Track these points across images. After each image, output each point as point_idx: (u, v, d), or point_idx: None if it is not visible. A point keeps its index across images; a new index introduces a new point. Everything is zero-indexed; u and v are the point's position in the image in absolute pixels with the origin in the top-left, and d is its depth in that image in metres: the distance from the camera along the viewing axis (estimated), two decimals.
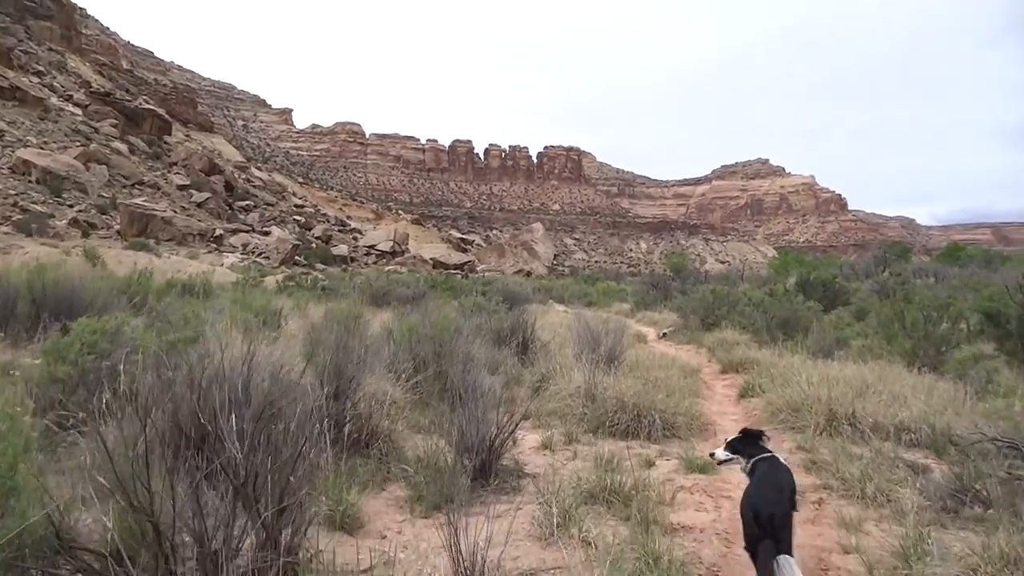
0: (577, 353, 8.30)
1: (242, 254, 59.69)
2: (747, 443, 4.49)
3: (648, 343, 16.51)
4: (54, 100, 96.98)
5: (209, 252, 59.21)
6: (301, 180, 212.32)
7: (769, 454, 4.39)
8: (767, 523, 3.74)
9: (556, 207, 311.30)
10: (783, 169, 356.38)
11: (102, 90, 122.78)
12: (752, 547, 3.86)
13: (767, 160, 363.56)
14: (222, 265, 53.14)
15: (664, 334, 18.25)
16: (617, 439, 6.69)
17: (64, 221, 59.98)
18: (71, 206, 65.33)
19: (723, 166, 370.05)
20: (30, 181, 66.60)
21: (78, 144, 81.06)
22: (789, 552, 3.71)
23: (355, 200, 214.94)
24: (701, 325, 17.89)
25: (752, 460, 4.37)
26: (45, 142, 77.97)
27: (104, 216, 66.07)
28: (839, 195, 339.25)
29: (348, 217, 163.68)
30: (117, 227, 63.33)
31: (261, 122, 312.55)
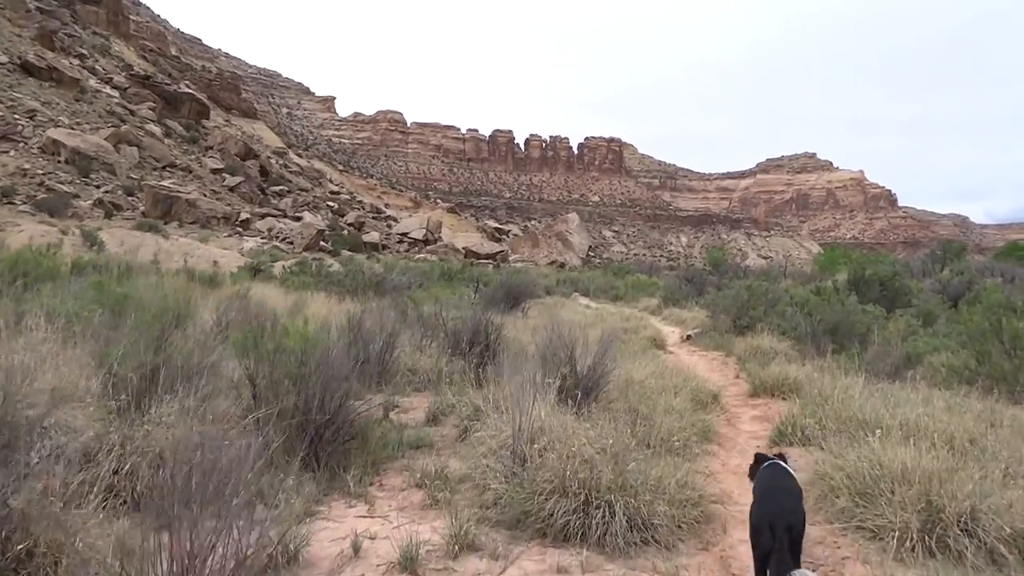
0: (539, 377, 5.67)
1: (263, 238, 58.22)
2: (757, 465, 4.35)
3: (667, 349, 13.77)
4: (92, 82, 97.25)
5: (230, 236, 57.88)
6: (341, 168, 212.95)
7: (771, 460, 4.21)
8: (784, 534, 3.47)
9: (596, 198, 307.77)
10: (831, 163, 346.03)
11: (142, 73, 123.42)
12: (763, 563, 3.54)
13: (814, 154, 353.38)
14: (241, 249, 51.73)
15: (688, 336, 15.48)
16: (547, 545, 3.97)
17: (89, 202, 59.36)
18: (98, 187, 64.79)
19: (768, 159, 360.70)
20: (59, 161, 66.26)
21: (110, 125, 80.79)
22: (798, 564, 3.48)
23: (394, 188, 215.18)
24: (732, 327, 15.06)
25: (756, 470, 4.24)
26: (78, 122, 77.81)
27: (130, 198, 65.39)
28: (889, 191, 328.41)
29: (386, 205, 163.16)
30: (142, 209, 62.61)
31: (305, 109, 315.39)
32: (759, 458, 4.33)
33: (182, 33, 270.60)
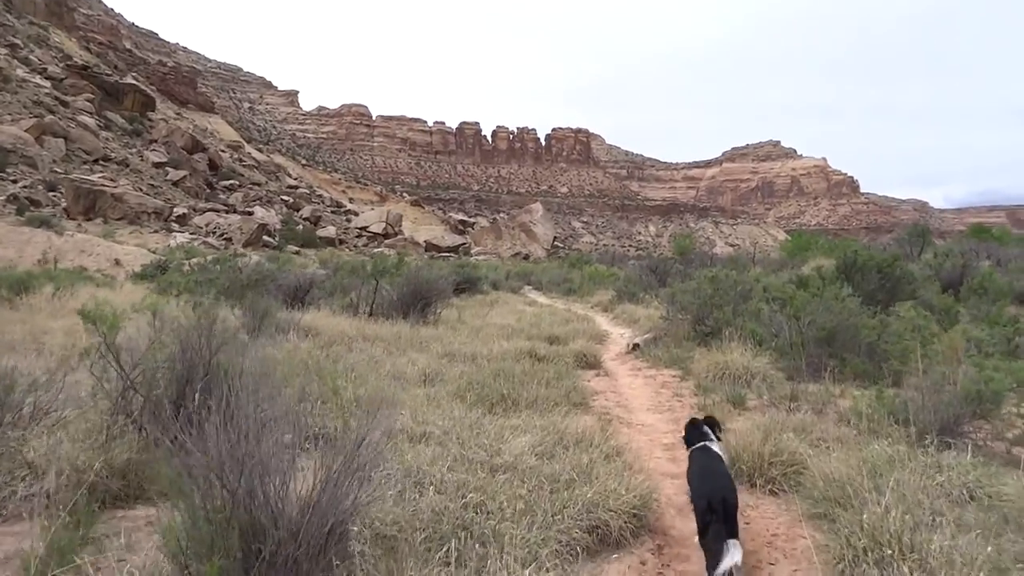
0: None
1: (192, 234, 53.54)
2: (693, 432, 4.76)
3: (602, 367, 10.09)
4: (19, 72, 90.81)
5: (156, 232, 53.09)
6: (304, 162, 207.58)
7: (702, 443, 4.56)
8: (720, 507, 3.84)
9: (564, 190, 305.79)
10: (794, 151, 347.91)
11: (80, 63, 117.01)
12: (704, 531, 3.91)
13: (778, 142, 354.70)
14: (167, 245, 47.10)
15: (636, 346, 11.84)
16: None
17: (2, 197, 54.10)
18: (15, 181, 59.44)
19: (734, 148, 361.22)
20: None
21: (34, 116, 74.84)
22: (735, 535, 3.80)
23: (359, 183, 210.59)
24: (692, 331, 11.48)
25: (690, 449, 4.62)
26: None
27: (52, 193, 60.12)
28: (851, 177, 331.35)
29: (351, 200, 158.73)
30: (64, 204, 57.51)
31: (267, 104, 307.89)
32: (694, 423, 4.86)
33: (137, 27, 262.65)
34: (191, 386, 4.03)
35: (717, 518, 3.77)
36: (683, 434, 4.83)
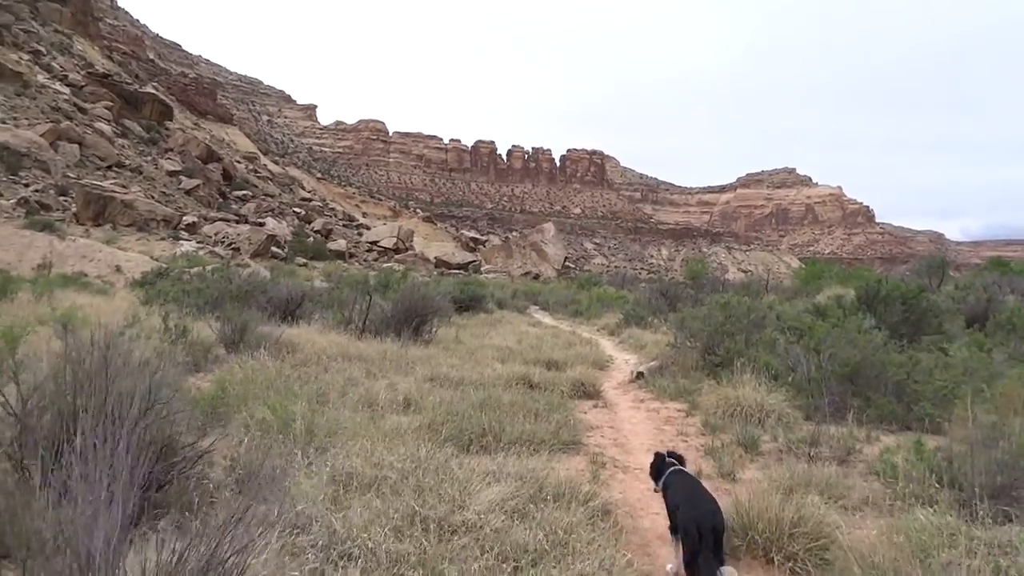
0: None
1: (200, 243, 53.22)
2: (660, 465, 4.54)
3: (601, 396, 9.29)
4: (40, 78, 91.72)
5: (163, 239, 52.80)
6: (319, 175, 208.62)
7: (676, 467, 4.42)
8: (709, 535, 3.64)
9: (577, 210, 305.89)
10: (810, 179, 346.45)
11: (101, 72, 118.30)
12: (691, 560, 3.70)
13: (794, 169, 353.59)
14: (174, 253, 46.77)
15: (640, 374, 11.05)
16: None
17: (12, 201, 54.08)
18: (27, 185, 59.55)
19: (748, 174, 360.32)
20: None
21: (50, 121, 75.25)
22: (723, 561, 3.64)
23: (373, 197, 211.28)
24: (702, 361, 10.67)
25: (663, 476, 4.40)
26: (15, 118, 72.37)
27: (63, 198, 60.15)
28: (867, 207, 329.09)
29: (364, 214, 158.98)
30: (74, 209, 57.47)
31: (286, 117, 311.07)
32: (659, 456, 4.64)
33: (161, 39, 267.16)
34: (83, 419, 3.31)
35: (705, 546, 3.58)
36: (651, 471, 4.59)
